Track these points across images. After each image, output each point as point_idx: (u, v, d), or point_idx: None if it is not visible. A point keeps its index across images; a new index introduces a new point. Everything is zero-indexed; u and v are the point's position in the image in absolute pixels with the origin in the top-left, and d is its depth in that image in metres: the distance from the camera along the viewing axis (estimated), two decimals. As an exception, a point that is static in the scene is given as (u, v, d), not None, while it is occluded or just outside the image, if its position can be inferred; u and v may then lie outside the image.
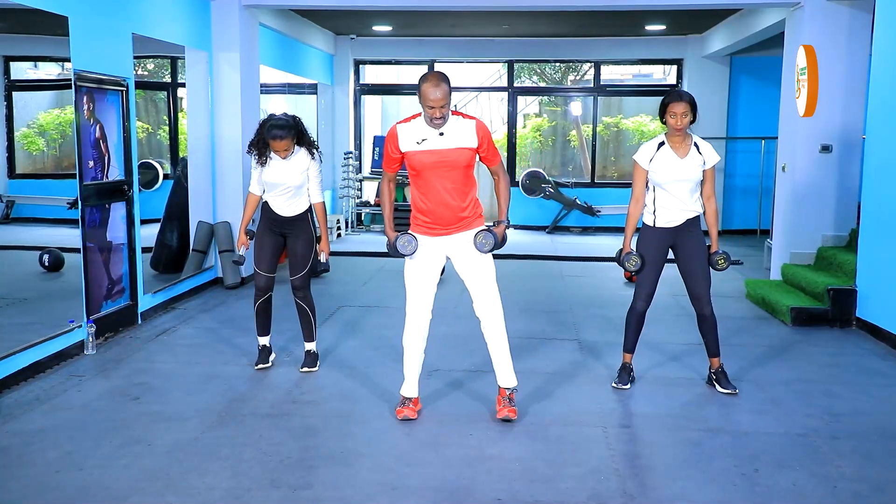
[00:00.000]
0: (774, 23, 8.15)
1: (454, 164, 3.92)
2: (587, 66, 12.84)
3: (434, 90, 3.79)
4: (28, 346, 4.78)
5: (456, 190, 3.96)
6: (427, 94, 3.80)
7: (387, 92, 13.73)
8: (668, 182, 4.40)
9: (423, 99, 3.82)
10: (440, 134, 3.90)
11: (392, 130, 3.99)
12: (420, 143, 3.92)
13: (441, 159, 3.91)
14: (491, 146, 4.01)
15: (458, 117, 3.96)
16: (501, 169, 4.12)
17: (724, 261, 4.51)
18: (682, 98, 4.37)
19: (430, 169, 3.93)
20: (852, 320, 6.16)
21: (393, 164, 4.06)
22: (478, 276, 4.03)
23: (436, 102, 3.79)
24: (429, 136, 3.91)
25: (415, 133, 3.94)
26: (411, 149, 3.94)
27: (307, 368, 4.97)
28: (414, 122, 3.97)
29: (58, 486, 3.35)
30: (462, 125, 3.94)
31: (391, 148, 4.00)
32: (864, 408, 4.43)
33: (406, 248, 4.01)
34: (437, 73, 3.87)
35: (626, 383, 4.68)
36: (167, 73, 11.64)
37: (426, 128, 3.92)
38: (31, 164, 9.33)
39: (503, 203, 4.12)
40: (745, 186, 11.74)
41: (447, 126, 3.91)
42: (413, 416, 4.12)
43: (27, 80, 9.39)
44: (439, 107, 3.80)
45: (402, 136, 3.95)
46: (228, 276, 7.44)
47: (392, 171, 4.11)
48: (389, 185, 4.18)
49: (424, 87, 3.81)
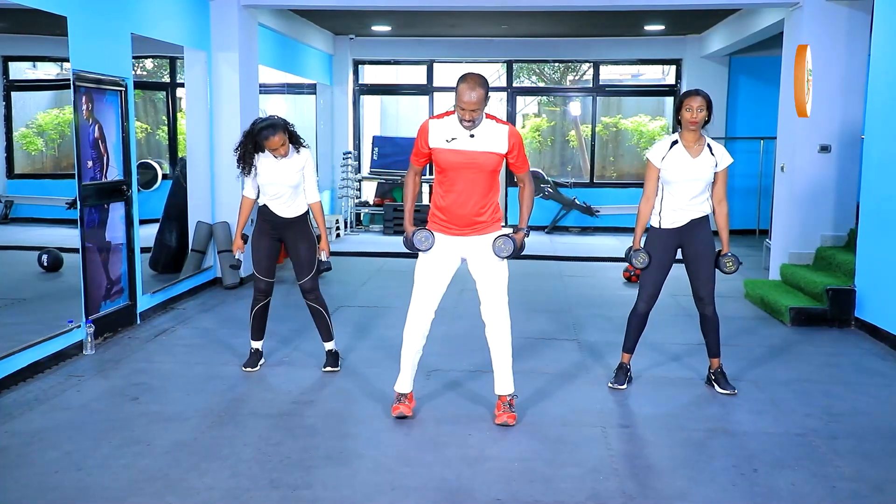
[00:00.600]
0: (773, 23, 8.15)
1: (481, 167, 3.90)
2: (586, 66, 12.85)
3: (469, 92, 3.74)
4: (27, 347, 4.77)
5: (478, 193, 3.94)
6: (462, 94, 3.75)
7: (386, 92, 13.74)
8: (678, 181, 4.40)
9: (458, 99, 3.77)
10: (471, 136, 3.87)
11: (424, 124, 3.97)
12: (450, 141, 3.89)
13: (468, 161, 3.88)
14: (521, 154, 3.99)
15: (492, 121, 3.92)
16: (528, 178, 4.09)
17: (732, 263, 4.51)
18: (699, 93, 4.38)
19: (456, 169, 3.91)
20: (851, 320, 6.16)
21: (421, 158, 4.03)
22: (490, 282, 4.02)
23: (468, 105, 3.75)
24: (459, 136, 3.88)
25: (446, 131, 3.90)
26: (440, 146, 3.91)
27: (330, 368, 4.96)
28: (447, 119, 3.93)
29: (57, 487, 3.35)
30: (495, 130, 3.91)
31: (421, 142, 3.97)
32: (863, 408, 4.43)
33: (423, 244, 3.98)
34: (477, 76, 3.81)
35: (623, 383, 4.68)
36: (166, 73, 11.63)
37: (458, 127, 3.88)
38: (30, 165, 9.33)
39: (525, 211, 4.10)
40: (744, 186, 11.74)
41: (479, 128, 3.88)
42: (408, 413, 4.11)
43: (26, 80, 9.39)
44: (470, 110, 3.76)
45: (433, 132, 3.92)
46: (227, 276, 7.44)
47: (419, 165, 4.09)
48: (415, 178, 4.14)
49: (461, 87, 3.76)
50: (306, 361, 5.16)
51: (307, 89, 11.84)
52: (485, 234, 4.00)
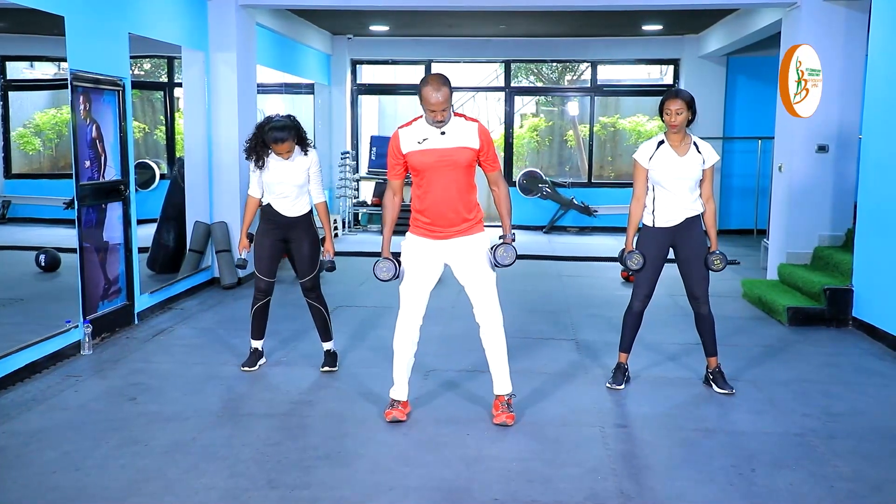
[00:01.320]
0: (771, 23, 8.16)
1: (456, 163, 3.89)
2: (584, 66, 12.85)
3: (435, 93, 3.76)
4: (24, 347, 4.77)
5: (457, 190, 3.93)
6: (428, 97, 3.77)
7: (384, 92, 13.73)
8: (667, 180, 4.41)
9: (424, 102, 3.79)
10: (442, 133, 3.89)
11: (394, 135, 3.97)
12: (421, 142, 3.89)
13: (442, 158, 3.88)
14: (491, 151, 3.99)
15: (461, 119, 3.94)
16: (500, 177, 4.06)
17: (720, 261, 4.51)
18: (679, 96, 4.38)
19: (432, 169, 3.90)
20: (849, 320, 6.17)
21: (397, 170, 4.00)
22: (478, 284, 4.01)
23: (437, 106, 3.77)
24: (430, 136, 3.89)
25: (416, 133, 3.92)
26: (413, 149, 3.91)
27: (328, 368, 4.97)
28: (415, 124, 3.95)
29: (55, 487, 3.34)
30: (464, 126, 3.92)
31: (394, 152, 3.96)
32: (861, 407, 4.44)
33: (382, 274, 4.02)
34: (438, 76, 3.83)
35: (621, 383, 4.69)
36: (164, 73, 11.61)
37: (428, 128, 3.90)
38: (28, 164, 9.31)
39: (505, 215, 4.05)
40: (742, 186, 11.76)
41: (449, 126, 3.89)
42: (402, 418, 4.11)
43: (23, 80, 9.37)
44: (440, 110, 3.78)
45: (404, 139, 3.93)
46: (225, 276, 7.43)
47: (398, 179, 4.05)
48: (394, 199, 4.09)
49: (425, 90, 3.78)
50: (304, 362, 5.16)
51: (305, 89, 11.83)
52: (468, 236, 3.99)
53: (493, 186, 4.06)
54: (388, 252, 4.07)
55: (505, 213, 4.05)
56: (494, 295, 4.04)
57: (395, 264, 4.02)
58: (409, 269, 4.05)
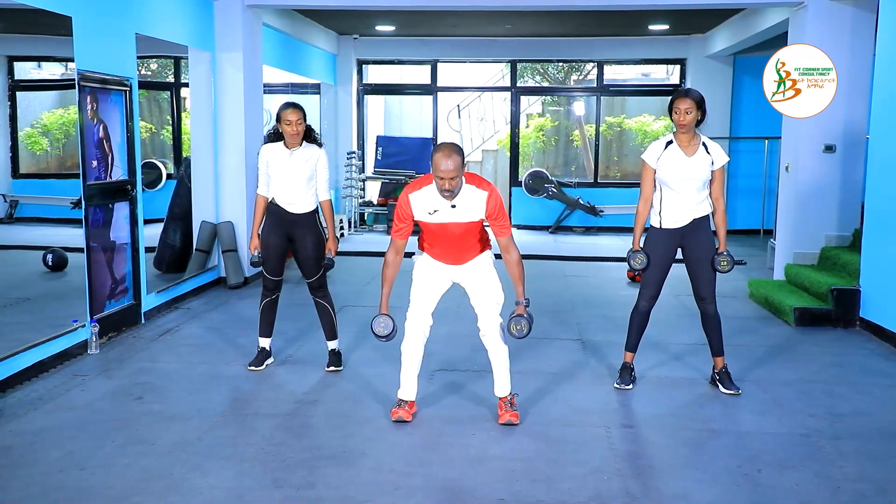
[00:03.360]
0: (777, 22, 8.13)
1: (465, 232, 3.96)
2: (590, 65, 12.83)
3: (446, 161, 3.73)
4: (31, 346, 4.78)
5: (464, 243, 4.01)
6: (438, 164, 3.75)
7: (390, 92, 13.75)
8: (675, 181, 4.40)
9: (435, 169, 3.78)
10: (452, 206, 3.89)
11: (405, 198, 3.95)
12: (432, 213, 3.91)
13: (452, 229, 3.94)
14: (501, 218, 3.96)
15: (472, 187, 3.89)
16: (511, 242, 4.00)
17: (727, 263, 4.48)
18: (688, 95, 4.36)
19: (441, 234, 3.97)
20: (856, 320, 6.15)
21: (404, 231, 4.01)
22: (485, 303, 4.05)
23: (446, 174, 3.74)
24: (441, 208, 3.89)
25: (427, 203, 3.91)
26: (423, 218, 3.95)
27: (333, 368, 4.97)
28: (426, 191, 3.91)
29: (60, 486, 3.36)
30: (474, 197, 3.89)
31: (403, 214, 3.97)
32: (867, 408, 4.42)
33: (380, 329, 4.03)
34: (451, 145, 3.82)
35: (628, 383, 4.68)
36: (170, 73, 11.66)
37: (438, 199, 3.88)
38: (35, 164, 9.35)
39: (518, 281, 4.00)
40: (749, 186, 11.73)
41: (459, 197, 3.88)
42: (407, 418, 4.11)
43: (31, 80, 9.41)
44: (449, 178, 3.75)
45: (415, 205, 3.93)
46: (231, 275, 7.45)
47: (403, 239, 4.03)
48: (395, 258, 4.03)
49: (436, 157, 3.77)
50: (309, 361, 5.17)
51: (311, 89, 11.86)
52: (474, 259, 4.06)
53: (504, 253, 4.03)
54: (386, 308, 4.06)
55: (517, 279, 4.01)
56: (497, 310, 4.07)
57: (393, 321, 4.03)
58: (419, 277, 4.09)
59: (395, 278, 4.05)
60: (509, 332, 3.98)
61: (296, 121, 4.68)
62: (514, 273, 3.99)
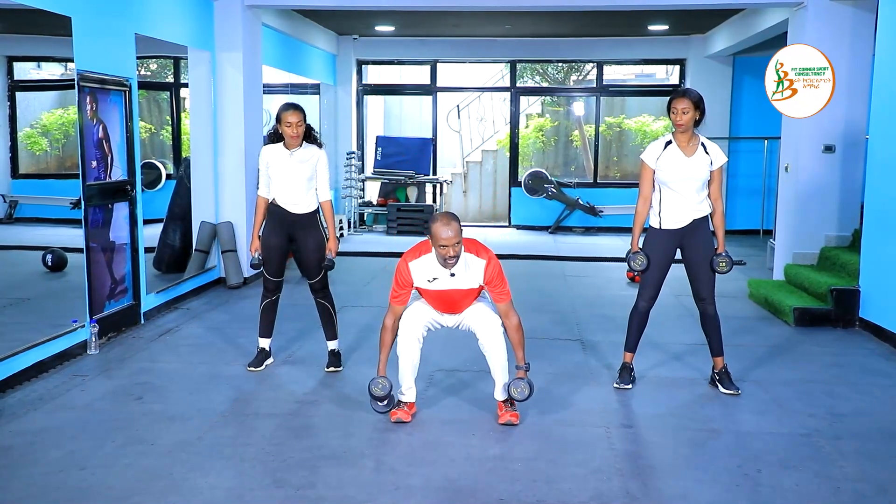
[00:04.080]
0: (777, 23, 8.14)
1: (463, 297, 4.02)
2: (590, 66, 12.84)
3: (445, 229, 3.80)
4: (31, 346, 4.78)
5: (463, 303, 4.07)
6: (438, 233, 3.80)
7: (389, 92, 13.75)
8: (674, 181, 4.40)
9: (435, 239, 3.83)
10: (451, 275, 3.94)
11: (404, 267, 3.99)
12: (431, 281, 3.97)
13: (450, 295, 4.01)
14: (500, 284, 4.00)
15: (471, 255, 3.96)
16: (510, 308, 4.05)
17: (725, 264, 4.49)
18: (686, 95, 4.37)
19: (439, 299, 4.04)
20: (855, 321, 6.15)
21: (402, 297, 4.05)
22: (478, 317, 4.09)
23: (448, 241, 3.80)
24: (440, 276, 3.96)
25: (426, 272, 3.97)
26: (422, 286, 4.01)
27: (332, 368, 4.97)
28: (425, 260, 3.97)
29: (60, 486, 3.35)
30: (473, 265, 3.95)
31: (402, 281, 4.01)
32: (867, 408, 4.42)
33: (377, 391, 4.04)
34: (447, 214, 3.91)
35: (628, 383, 4.68)
36: (170, 74, 11.66)
37: (438, 268, 3.94)
38: (35, 165, 9.35)
39: (518, 347, 4.05)
40: (748, 186, 11.73)
41: (458, 266, 3.93)
42: (406, 419, 4.12)
43: (30, 81, 9.41)
44: (452, 245, 3.81)
45: (415, 274, 3.99)
46: (231, 275, 7.45)
47: (401, 305, 4.07)
48: (394, 324, 4.08)
49: (435, 227, 3.83)
50: (309, 361, 5.17)
51: (311, 89, 11.85)
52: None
53: (504, 318, 4.06)
54: (384, 372, 4.08)
55: (517, 345, 4.06)
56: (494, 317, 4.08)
57: (391, 384, 4.05)
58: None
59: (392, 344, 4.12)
60: (510, 394, 4.02)
61: (296, 122, 4.68)
62: (514, 339, 4.06)
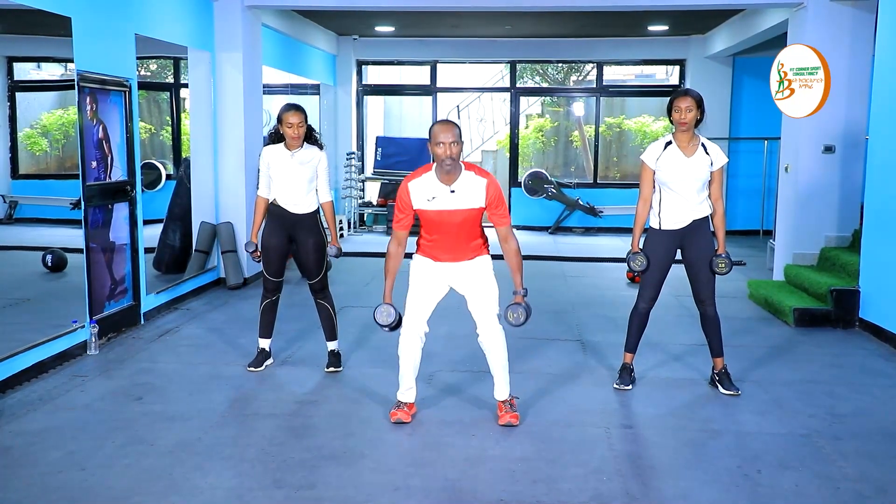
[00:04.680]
0: (777, 23, 8.14)
1: (463, 221, 3.95)
2: (590, 66, 12.84)
3: (444, 129, 3.82)
4: (31, 347, 4.78)
5: (462, 237, 3.99)
6: (437, 133, 3.81)
7: (389, 92, 13.75)
8: (674, 181, 4.40)
9: (433, 138, 3.82)
10: (451, 191, 3.90)
11: (404, 189, 3.97)
12: (430, 200, 3.92)
13: (450, 217, 3.93)
14: (500, 206, 3.97)
15: (472, 174, 3.93)
16: (510, 232, 4.01)
17: (725, 265, 4.49)
18: (688, 94, 4.37)
19: (439, 223, 3.96)
20: (855, 321, 6.15)
21: (405, 221, 4.02)
22: (481, 305, 4.03)
23: (446, 139, 3.79)
24: (439, 195, 3.91)
25: (426, 190, 3.93)
26: (421, 206, 3.95)
27: (332, 368, 4.97)
28: (425, 178, 3.95)
29: (60, 486, 3.36)
30: (473, 183, 3.91)
31: (403, 204, 3.98)
32: (867, 408, 4.42)
33: (382, 318, 4.01)
34: (446, 119, 3.94)
35: (628, 384, 4.68)
36: (170, 74, 11.66)
37: (437, 184, 3.91)
38: (35, 165, 9.36)
39: (516, 271, 4.02)
40: (748, 187, 11.73)
41: (458, 183, 3.89)
42: (406, 420, 4.11)
43: (30, 81, 9.41)
44: (449, 144, 3.79)
45: (414, 193, 3.95)
46: (231, 276, 7.45)
47: (404, 230, 4.04)
48: (398, 249, 4.04)
49: (435, 129, 3.84)
50: (309, 362, 5.17)
51: (311, 90, 11.86)
52: (471, 260, 4.03)
53: (503, 242, 4.02)
54: (389, 298, 4.07)
55: (516, 269, 4.02)
56: (494, 315, 4.05)
57: (395, 310, 4.03)
58: (415, 282, 4.07)
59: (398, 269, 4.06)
60: (506, 320, 3.98)
61: (297, 123, 4.69)
62: (512, 263, 4.01)
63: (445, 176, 3.88)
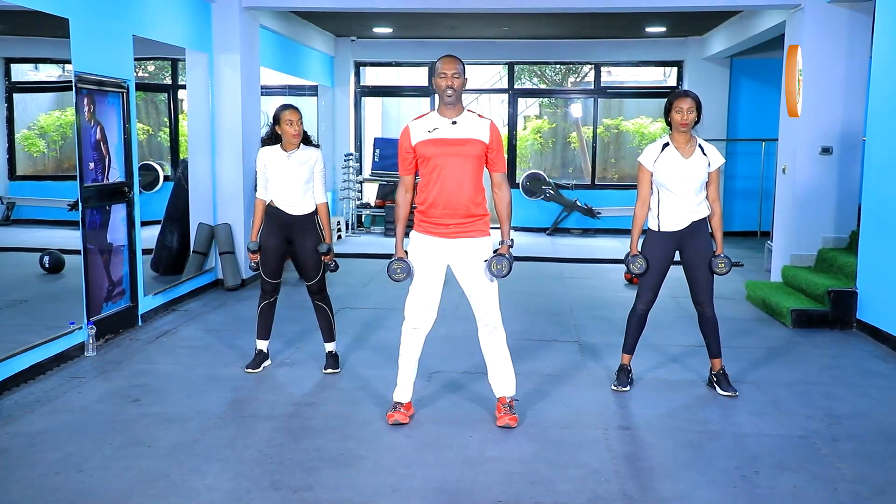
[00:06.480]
0: (774, 25, 8.15)
1: (466, 154, 3.87)
2: (587, 67, 12.85)
3: (447, 64, 3.85)
4: (28, 348, 4.78)
5: (465, 181, 3.88)
6: (440, 66, 3.85)
7: (387, 94, 13.74)
8: (672, 183, 4.40)
9: (436, 71, 3.86)
10: (453, 122, 3.89)
11: (405, 128, 3.97)
12: (431, 131, 3.89)
13: (452, 147, 3.86)
14: (500, 150, 3.98)
15: (474, 115, 3.95)
16: (504, 180, 4.03)
17: (724, 265, 4.49)
18: (688, 95, 4.38)
19: (441, 156, 3.87)
20: (853, 322, 6.16)
21: (408, 165, 3.98)
22: (479, 289, 3.97)
23: (447, 70, 3.82)
24: (441, 126, 3.90)
25: (427, 124, 3.93)
26: (423, 138, 3.89)
27: (330, 370, 4.97)
28: (426, 116, 3.97)
29: (58, 488, 3.35)
30: (476, 122, 3.93)
31: (405, 144, 3.96)
32: (865, 410, 4.43)
33: (396, 274, 3.95)
34: (452, 55, 3.94)
35: (626, 385, 4.68)
36: (168, 75, 11.65)
37: (439, 118, 3.92)
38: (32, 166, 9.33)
39: (505, 220, 3.99)
40: (746, 188, 11.75)
41: (461, 119, 3.90)
42: (404, 421, 4.11)
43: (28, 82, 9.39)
44: (451, 75, 3.82)
45: (414, 130, 3.93)
46: (229, 277, 7.44)
47: (409, 174, 4.00)
48: (406, 195, 4.03)
49: (438, 63, 3.88)
50: (307, 363, 5.17)
51: (309, 91, 11.85)
52: (471, 238, 3.93)
53: (496, 189, 4.02)
54: (401, 251, 4.02)
55: (504, 218, 4.00)
56: (495, 301, 4.01)
57: (408, 264, 3.96)
58: (414, 277, 4.00)
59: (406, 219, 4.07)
60: (489, 270, 3.88)
61: (297, 120, 4.71)
62: (502, 212, 4.00)
63: (447, 109, 3.89)
